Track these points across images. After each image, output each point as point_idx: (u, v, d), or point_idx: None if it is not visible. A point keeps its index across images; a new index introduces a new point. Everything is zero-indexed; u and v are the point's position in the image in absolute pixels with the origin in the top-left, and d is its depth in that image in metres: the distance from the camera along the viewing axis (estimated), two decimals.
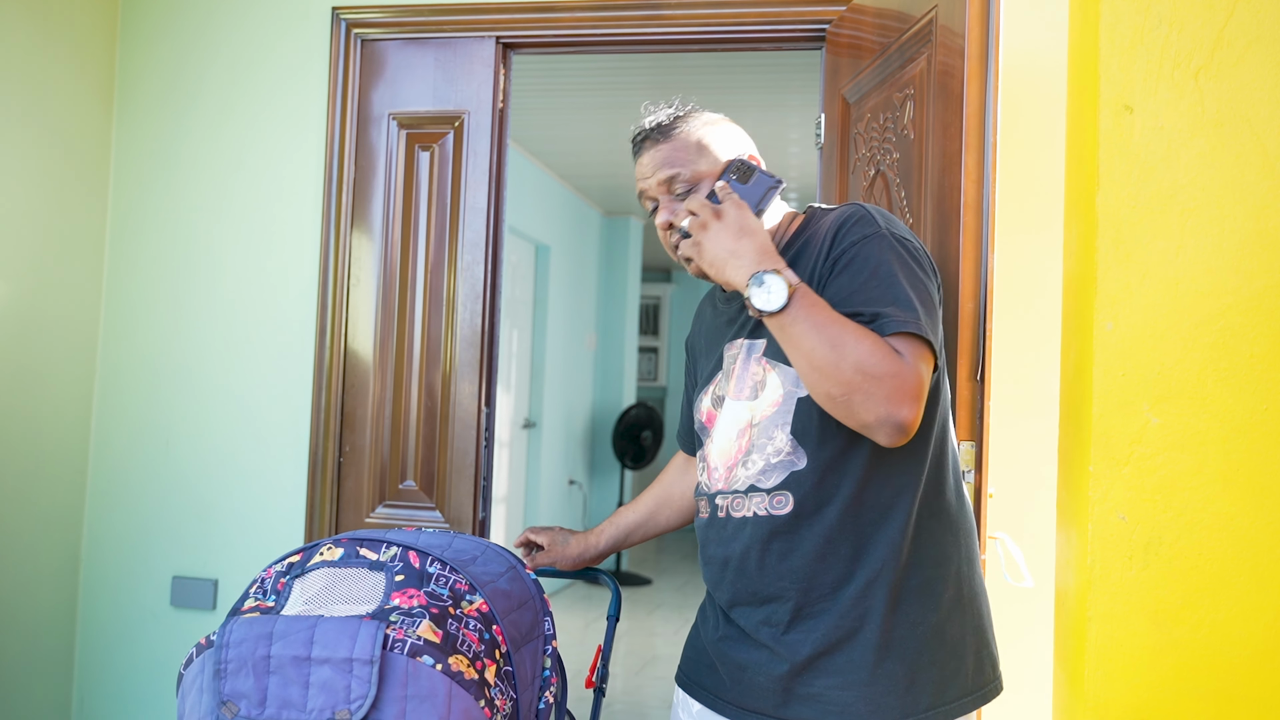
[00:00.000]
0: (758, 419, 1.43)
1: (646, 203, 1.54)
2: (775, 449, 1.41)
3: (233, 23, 2.88)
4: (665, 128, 1.51)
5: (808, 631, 1.39)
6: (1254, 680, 1.24)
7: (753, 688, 1.43)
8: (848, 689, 1.36)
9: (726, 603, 1.48)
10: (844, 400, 1.28)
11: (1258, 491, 1.25)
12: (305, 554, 1.34)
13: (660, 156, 1.50)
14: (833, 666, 1.38)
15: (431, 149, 2.74)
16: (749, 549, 1.42)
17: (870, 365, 1.26)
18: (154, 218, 2.90)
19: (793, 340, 1.30)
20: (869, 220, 1.39)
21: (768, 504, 1.41)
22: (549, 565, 1.82)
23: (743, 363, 1.47)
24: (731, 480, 1.45)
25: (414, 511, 2.70)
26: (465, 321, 2.69)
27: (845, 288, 1.35)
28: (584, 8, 2.68)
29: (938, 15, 1.87)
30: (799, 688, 1.39)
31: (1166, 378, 1.27)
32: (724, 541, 1.46)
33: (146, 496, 2.85)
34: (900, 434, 1.28)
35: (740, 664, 1.45)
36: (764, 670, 1.42)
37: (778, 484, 1.40)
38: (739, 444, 1.44)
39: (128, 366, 2.89)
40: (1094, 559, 1.28)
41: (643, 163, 1.52)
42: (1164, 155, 1.29)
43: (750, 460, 1.43)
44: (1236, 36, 1.28)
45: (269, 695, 1.13)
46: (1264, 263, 1.26)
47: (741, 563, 1.43)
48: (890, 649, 1.36)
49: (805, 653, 1.39)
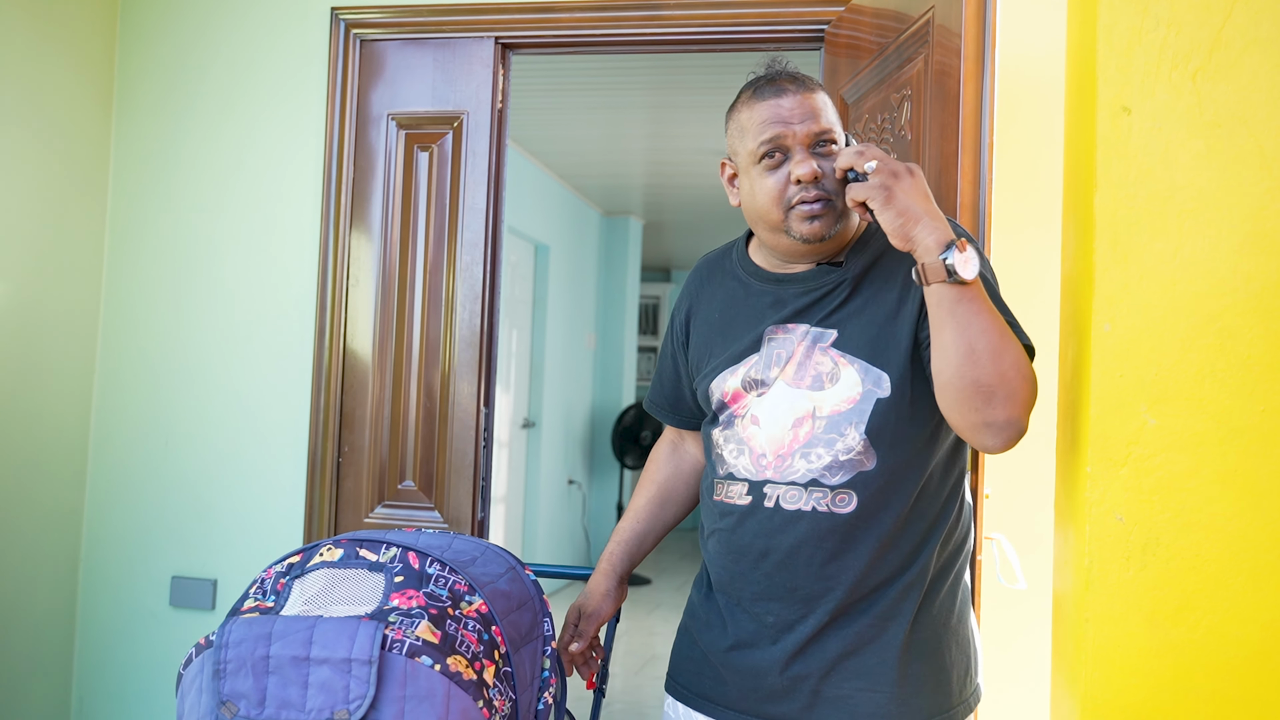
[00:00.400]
0: (825, 412, 1.39)
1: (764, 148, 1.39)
2: (846, 446, 1.38)
3: (232, 23, 2.89)
4: (807, 81, 1.41)
5: (839, 630, 1.39)
6: (1251, 681, 1.24)
7: (772, 693, 1.40)
8: (878, 690, 1.37)
9: (752, 596, 1.43)
10: (988, 392, 1.27)
11: (1255, 493, 1.25)
12: (305, 554, 1.34)
13: (813, 106, 1.39)
14: (862, 668, 1.38)
15: (430, 149, 2.74)
16: (800, 544, 1.39)
17: (1023, 366, 1.29)
18: (153, 218, 2.90)
19: (966, 316, 1.27)
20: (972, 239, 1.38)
21: (830, 501, 1.38)
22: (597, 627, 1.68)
23: (805, 350, 1.42)
24: (786, 470, 1.40)
25: (413, 512, 2.70)
26: (464, 321, 2.69)
27: None
28: (583, 8, 2.68)
29: (935, 15, 1.87)
30: (826, 689, 1.38)
31: (1164, 379, 1.27)
32: (769, 533, 1.41)
33: (146, 496, 2.85)
34: (1015, 439, 1.30)
35: (757, 669, 1.41)
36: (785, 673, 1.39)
37: (843, 482, 1.38)
38: (794, 433, 1.40)
39: (127, 366, 2.89)
40: (1091, 560, 1.28)
41: (784, 105, 1.39)
42: (1162, 156, 1.29)
43: (813, 453, 1.39)
44: (1234, 38, 1.28)
45: (268, 695, 1.13)
46: (1262, 264, 1.26)
47: (789, 557, 1.39)
48: (916, 649, 1.39)
49: (834, 653, 1.38)
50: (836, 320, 1.43)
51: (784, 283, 1.48)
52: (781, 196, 1.40)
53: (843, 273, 1.44)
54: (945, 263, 1.26)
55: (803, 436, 1.40)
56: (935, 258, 1.27)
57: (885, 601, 1.39)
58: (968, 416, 1.29)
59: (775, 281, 1.49)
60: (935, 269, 1.27)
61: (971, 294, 1.27)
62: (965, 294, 1.27)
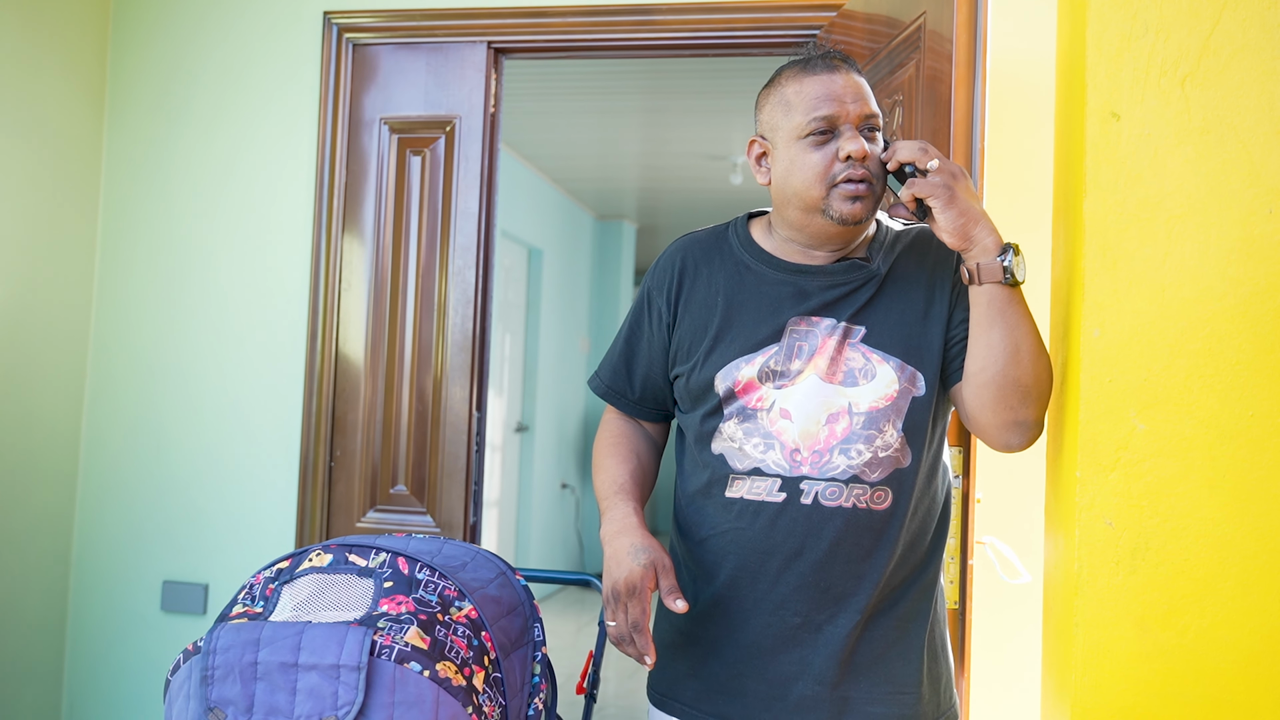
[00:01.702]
0: (863, 408, 1.38)
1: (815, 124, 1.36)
2: (885, 443, 1.38)
3: (224, 27, 2.88)
4: (855, 66, 1.42)
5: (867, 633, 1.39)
6: (1240, 685, 1.25)
7: (801, 703, 1.37)
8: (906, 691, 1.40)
9: (778, 598, 1.38)
10: (1025, 391, 1.34)
11: (1243, 497, 1.25)
12: (294, 560, 1.33)
13: (863, 89, 1.40)
14: (890, 674, 1.39)
15: (423, 153, 2.74)
16: (839, 541, 1.36)
17: (1051, 369, 1.36)
18: (145, 222, 2.90)
19: (1014, 318, 1.33)
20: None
21: (869, 498, 1.38)
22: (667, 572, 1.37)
23: (836, 344, 1.40)
24: (825, 466, 1.37)
25: (405, 516, 2.70)
26: (456, 326, 2.69)
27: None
28: (575, 13, 2.68)
29: (926, 21, 1.88)
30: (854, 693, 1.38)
31: (1153, 384, 1.28)
32: (805, 531, 1.36)
33: (137, 501, 2.85)
34: (1036, 438, 1.38)
35: (783, 675, 1.38)
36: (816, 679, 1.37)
37: (881, 479, 1.38)
38: (829, 429, 1.38)
39: (119, 371, 2.88)
40: (1081, 564, 1.28)
41: (836, 82, 1.37)
42: (1151, 163, 1.29)
43: (854, 450, 1.37)
44: (1223, 44, 1.29)
45: (256, 701, 1.13)
46: (1250, 270, 1.27)
47: (828, 555, 1.36)
48: (931, 651, 1.43)
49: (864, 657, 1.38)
50: (865, 317, 1.42)
51: (807, 274, 1.44)
52: (826, 173, 1.36)
53: (871, 269, 1.44)
54: (1004, 264, 1.32)
55: (840, 432, 1.38)
56: (993, 258, 1.32)
57: (906, 601, 1.41)
58: (1002, 414, 1.34)
59: (796, 272, 1.44)
60: (992, 269, 1.32)
61: (1019, 296, 1.34)
62: (1015, 296, 1.34)
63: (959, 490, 1.69)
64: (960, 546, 1.68)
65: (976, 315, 1.35)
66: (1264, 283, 1.26)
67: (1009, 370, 1.32)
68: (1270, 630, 1.24)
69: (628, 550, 1.36)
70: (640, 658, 1.33)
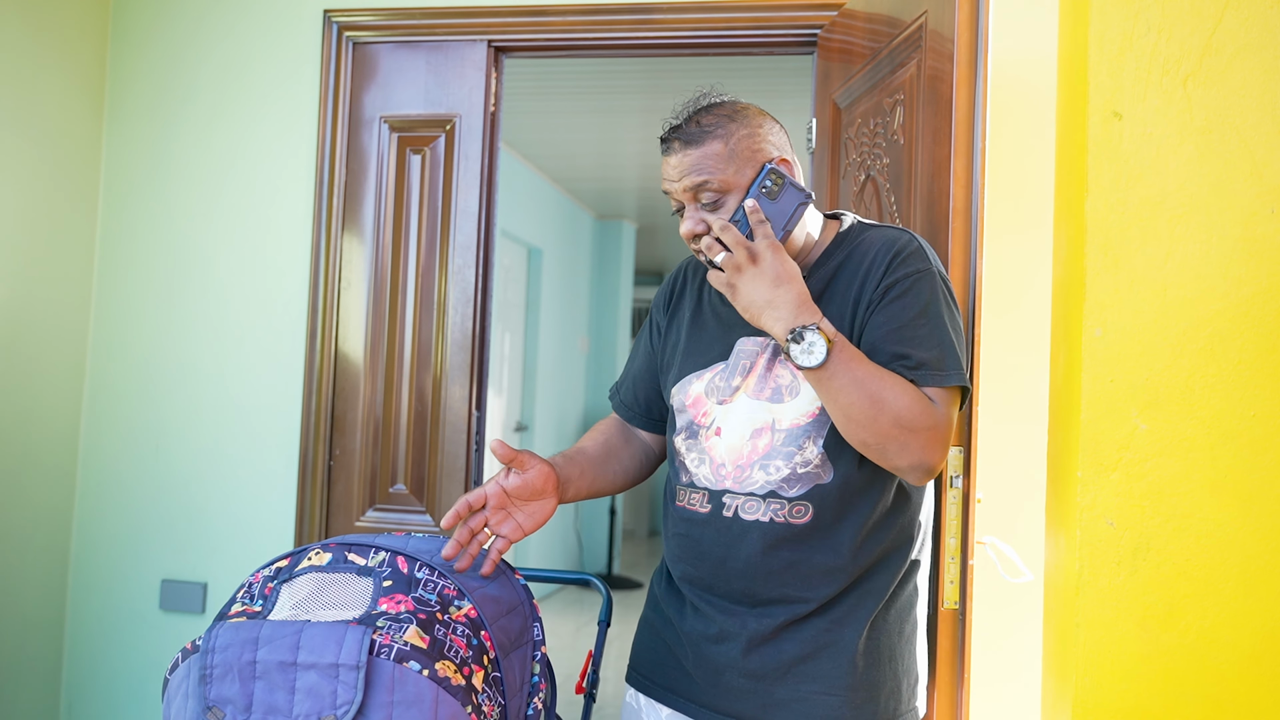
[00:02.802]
0: (785, 425, 1.42)
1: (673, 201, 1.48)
2: (804, 460, 1.41)
3: (224, 26, 2.88)
4: (695, 133, 1.44)
5: (795, 635, 1.41)
6: (1242, 685, 1.24)
7: (730, 690, 1.43)
8: (832, 693, 1.40)
9: (710, 600, 1.46)
10: (878, 448, 1.33)
11: (1245, 497, 1.25)
12: (293, 559, 1.33)
13: (689, 162, 1.43)
14: (817, 672, 1.40)
15: (423, 152, 2.74)
16: (755, 553, 1.41)
17: (908, 420, 1.32)
18: (144, 221, 2.89)
19: (831, 394, 1.32)
20: (922, 255, 1.42)
21: (786, 512, 1.41)
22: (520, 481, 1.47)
23: (766, 362, 1.45)
24: (745, 481, 1.43)
25: (404, 515, 2.69)
26: (456, 325, 2.69)
27: (895, 320, 1.38)
28: (575, 11, 2.68)
29: (928, 20, 1.87)
30: (780, 692, 1.41)
31: (1154, 384, 1.27)
32: (727, 542, 1.44)
33: (136, 499, 2.84)
34: (928, 476, 1.36)
35: (717, 665, 1.44)
36: (743, 673, 1.42)
37: (800, 494, 1.41)
38: (754, 444, 1.42)
39: (118, 369, 2.88)
40: (1082, 564, 1.28)
41: (670, 164, 1.45)
42: (1153, 162, 1.29)
43: (772, 465, 1.41)
44: (1225, 44, 1.29)
45: (255, 701, 1.12)
46: (1252, 269, 1.26)
47: (746, 565, 1.42)
48: (870, 656, 1.42)
49: (790, 656, 1.41)
50: None
51: None
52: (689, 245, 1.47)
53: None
54: (788, 353, 1.32)
55: (761, 448, 1.42)
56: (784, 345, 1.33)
57: (839, 609, 1.41)
58: (879, 462, 1.36)
59: None
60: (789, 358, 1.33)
61: (830, 372, 1.31)
62: (823, 375, 1.32)
63: (959, 490, 1.69)
64: (961, 546, 1.67)
65: None
66: (1266, 282, 1.26)
67: (850, 434, 1.34)
68: (1272, 630, 1.24)
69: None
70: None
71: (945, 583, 1.66)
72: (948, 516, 1.67)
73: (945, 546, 1.67)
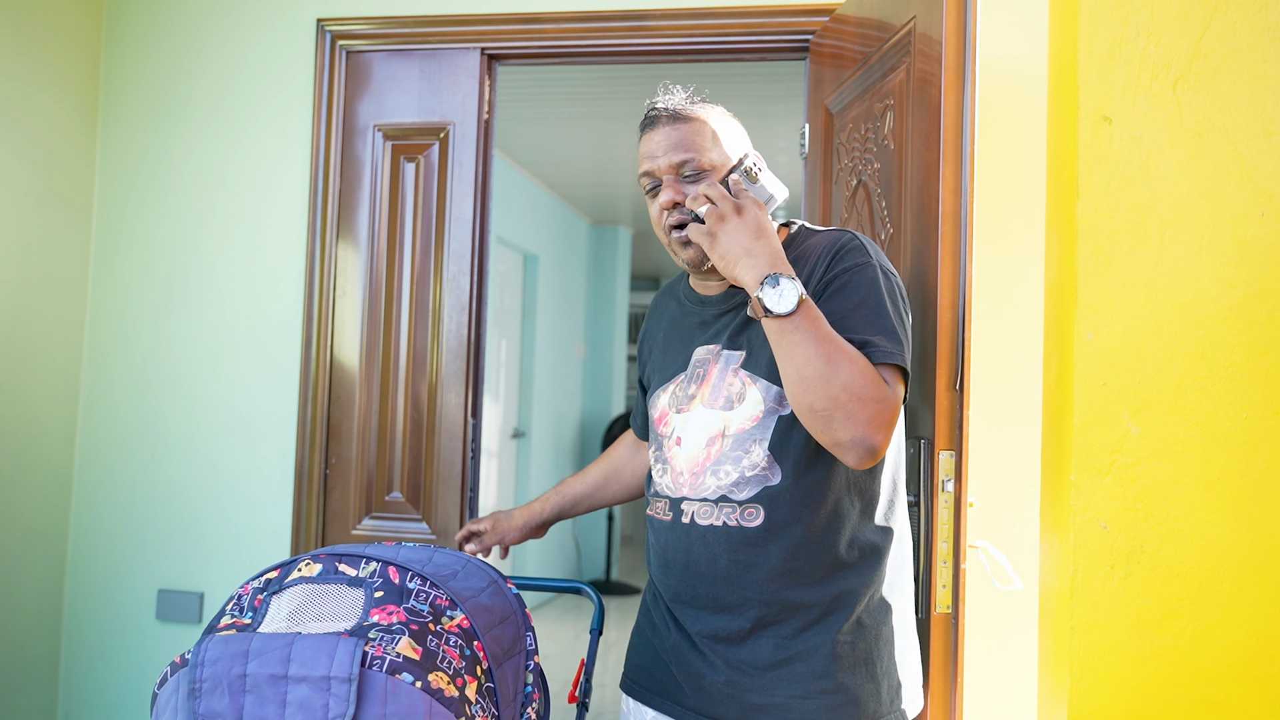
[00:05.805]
0: (733, 430, 1.44)
1: (646, 181, 1.51)
2: (751, 463, 1.43)
3: (217, 36, 2.88)
4: (682, 111, 1.50)
5: (766, 639, 1.42)
6: (1235, 688, 1.24)
7: (711, 695, 1.44)
8: (809, 698, 1.40)
9: (681, 606, 1.48)
10: (825, 415, 1.31)
11: (1238, 500, 1.25)
12: (283, 570, 1.32)
13: (675, 138, 1.48)
14: (793, 676, 1.41)
15: (417, 160, 2.74)
16: (715, 557, 1.44)
17: (858, 387, 1.30)
18: (139, 230, 2.89)
19: (790, 347, 1.32)
20: (862, 250, 1.44)
21: (739, 515, 1.43)
22: (496, 543, 1.87)
23: (719, 372, 1.48)
24: (699, 487, 1.46)
25: (400, 523, 2.69)
26: (451, 332, 2.69)
27: (836, 310, 1.39)
28: (568, 19, 2.68)
29: (916, 25, 1.88)
30: (756, 697, 1.41)
31: (1147, 387, 1.28)
32: (687, 547, 1.46)
33: (131, 509, 2.83)
34: (870, 457, 1.33)
35: (698, 671, 1.45)
36: (721, 678, 1.43)
37: (750, 497, 1.42)
38: (708, 451, 1.46)
39: (113, 378, 2.88)
40: (1076, 568, 1.28)
41: (654, 139, 1.50)
42: (1143, 166, 1.29)
43: (723, 470, 1.44)
44: (1214, 47, 1.29)
45: (245, 715, 1.12)
46: (1243, 272, 1.26)
47: (707, 569, 1.44)
48: (846, 660, 1.41)
49: (765, 662, 1.41)
50: (744, 341, 1.48)
51: (706, 304, 1.56)
52: (661, 222, 1.50)
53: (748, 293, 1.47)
54: (759, 297, 1.32)
55: (714, 455, 1.45)
56: (754, 294, 1.33)
57: (810, 613, 1.42)
58: (820, 437, 1.34)
59: (700, 304, 1.57)
60: (756, 305, 1.33)
61: (795, 324, 1.31)
62: (788, 325, 1.31)
63: (950, 494, 1.69)
64: (953, 551, 1.67)
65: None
66: (1257, 285, 1.26)
67: (799, 397, 1.32)
68: (1266, 632, 1.24)
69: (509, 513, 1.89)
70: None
71: (938, 587, 1.66)
72: (939, 520, 1.67)
73: (937, 551, 1.67)
